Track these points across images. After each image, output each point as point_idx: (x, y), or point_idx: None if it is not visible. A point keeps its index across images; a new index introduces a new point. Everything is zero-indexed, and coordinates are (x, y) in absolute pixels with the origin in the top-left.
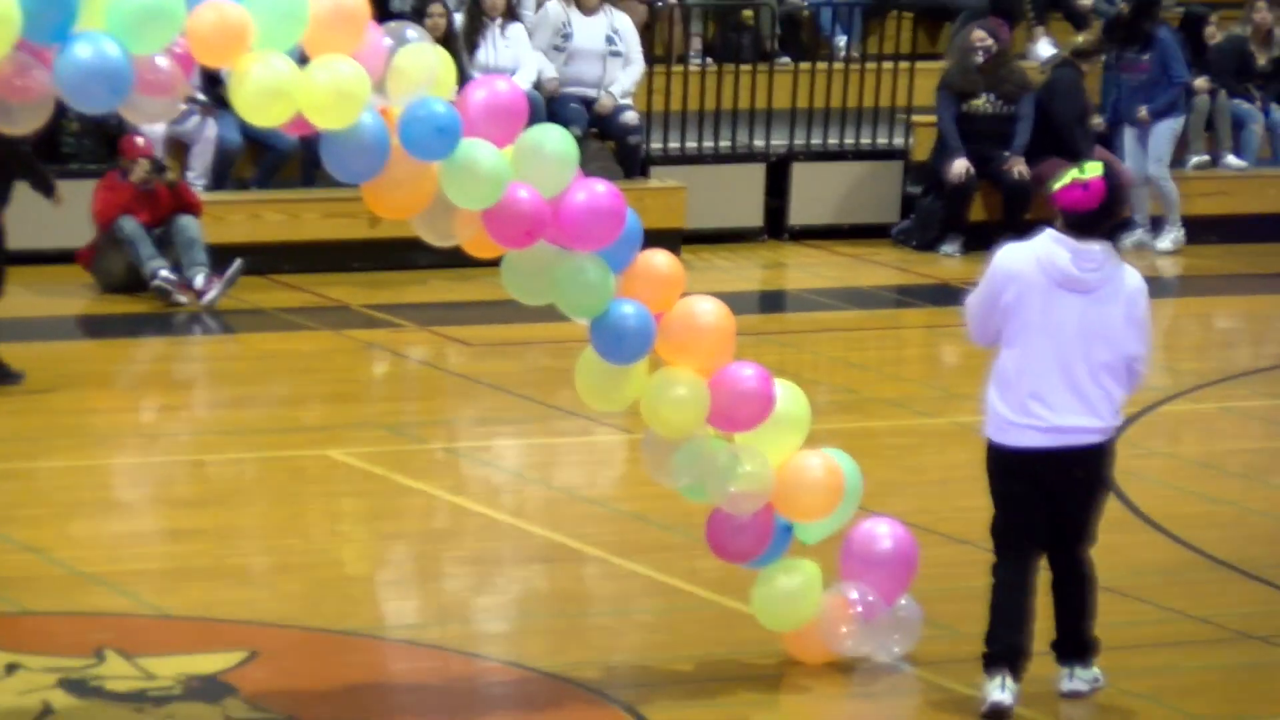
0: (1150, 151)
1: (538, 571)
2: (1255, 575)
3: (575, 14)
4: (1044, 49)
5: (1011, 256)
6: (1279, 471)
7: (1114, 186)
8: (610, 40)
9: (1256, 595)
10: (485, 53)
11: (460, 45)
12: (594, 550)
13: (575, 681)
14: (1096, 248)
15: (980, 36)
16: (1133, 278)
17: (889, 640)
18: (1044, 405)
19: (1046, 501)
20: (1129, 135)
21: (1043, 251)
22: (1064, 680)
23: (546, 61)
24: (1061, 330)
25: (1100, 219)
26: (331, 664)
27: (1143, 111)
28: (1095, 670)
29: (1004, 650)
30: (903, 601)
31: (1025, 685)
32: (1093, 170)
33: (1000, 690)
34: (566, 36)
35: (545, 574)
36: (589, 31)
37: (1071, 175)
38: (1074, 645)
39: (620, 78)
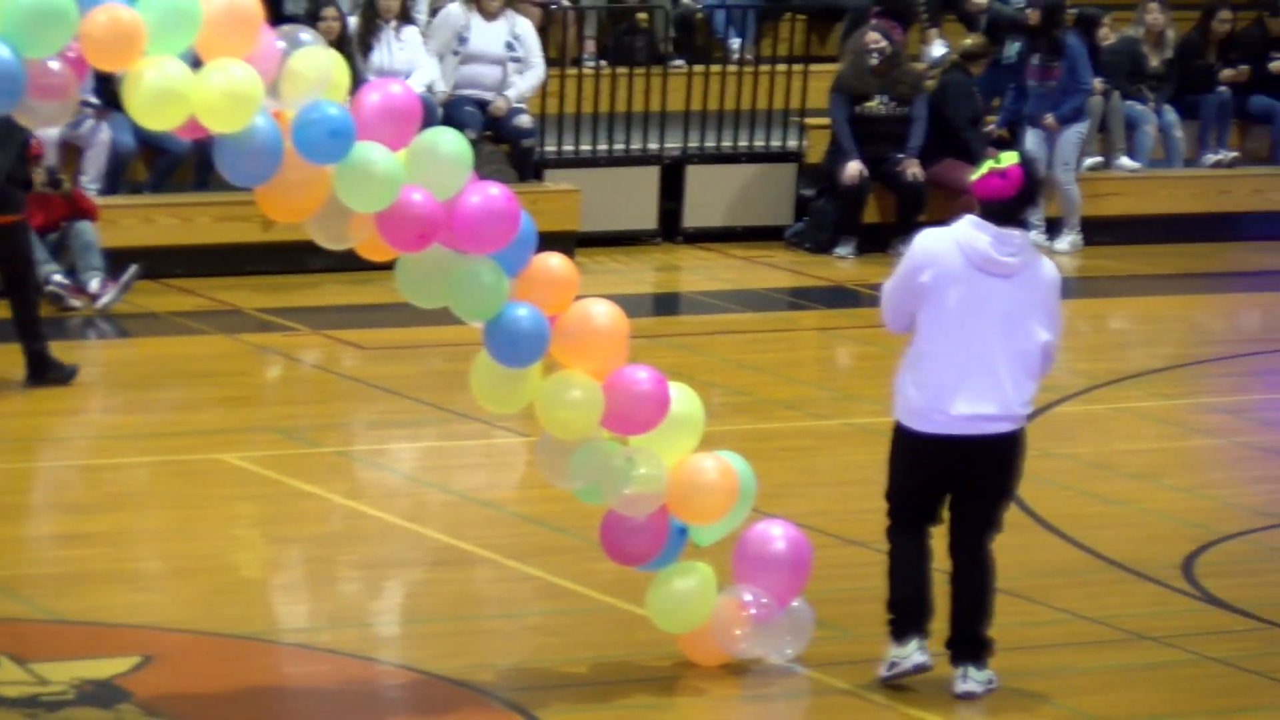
0: (1056, 156)
1: (432, 575)
2: (1150, 576)
3: (476, 18)
4: (938, 51)
5: (931, 239)
6: (1173, 472)
7: (1031, 174)
8: (510, 46)
9: (1151, 596)
10: (380, 55)
11: (354, 48)
12: (488, 553)
13: (469, 685)
14: (1016, 233)
15: (874, 38)
16: (1048, 266)
17: (782, 642)
18: (958, 392)
19: (952, 488)
20: (1032, 137)
21: (963, 236)
22: (958, 681)
23: (437, 68)
24: (980, 315)
25: (1018, 206)
26: (226, 668)
27: (1050, 118)
28: (989, 671)
29: (912, 614)
30: (795, 604)
31: (919, 688)
32: (1009, 159)
33: (920, 653)
34: (464, 40)
35: (440, 577)
36: (489, 36)
37: (988, 166)
38: (969, 645)
39: (518, 82)
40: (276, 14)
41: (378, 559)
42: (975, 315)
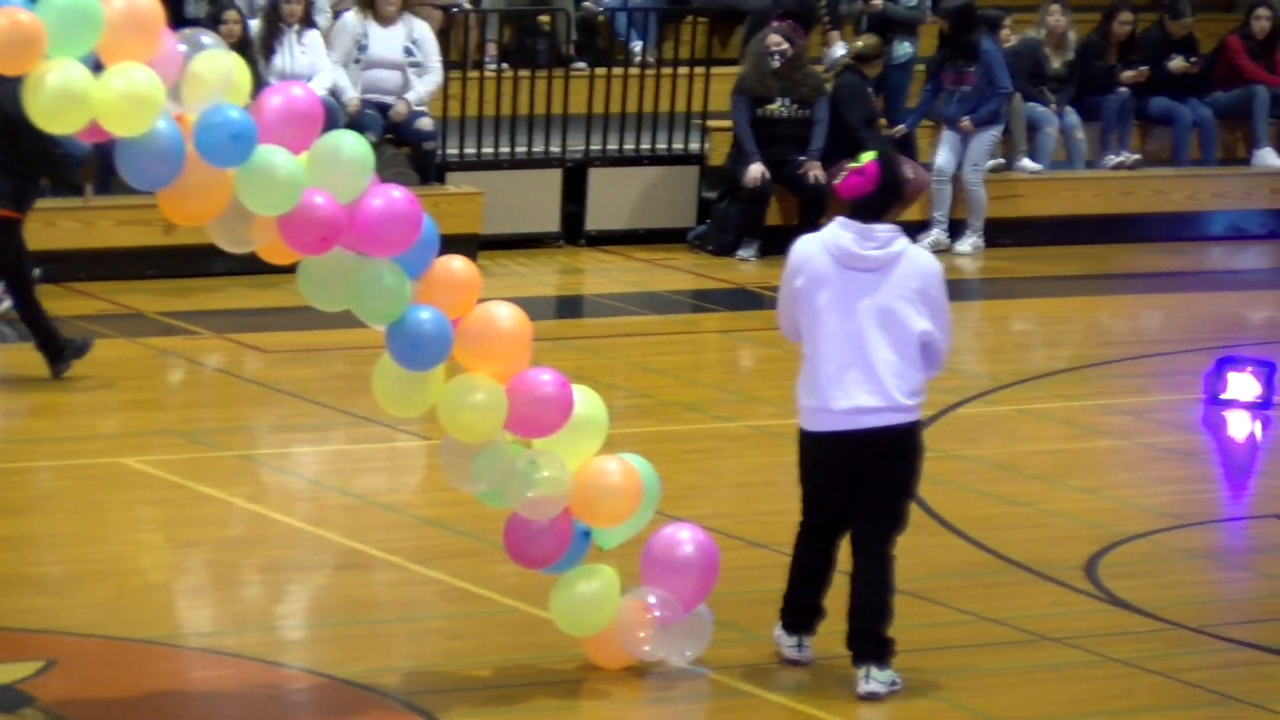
0: (968, 157)
1: (335, 579)
2: (1052, 577)
3: (373, 25)
4: (839, 53)
5: (800, 245)
6: (1075, 473)
7: (888, 169)
8: (409, 51)
9: (1054, 597)
10: (282, 59)
11: (256, 52)
12: (392, 557)
13: (374, 688)
14: (881, 228)
15: (775, 41)
16: (924, 256)
17: (685, 645)
18: (838, 388)
19: (849, 486)
20: (947, 137)
21: (829, 236)
22: (860, 682)
23: (345, 77)
24: (852, 311)
25: (880, 201)
26: (131, 672)
27: (966, 121)
28: (891, 672)
29: (800, 614)
30: (702, 607)
31: (822, 689)
32: (867, 158)
33: (798, 650)
34: (363, 48)
35: (343, 581)
36: (387, 42)
37: (849, 167)
38: (870, 644)
39: (417, 86)
40: (178, 17)
41: (281, 563)
42: (847, 312)
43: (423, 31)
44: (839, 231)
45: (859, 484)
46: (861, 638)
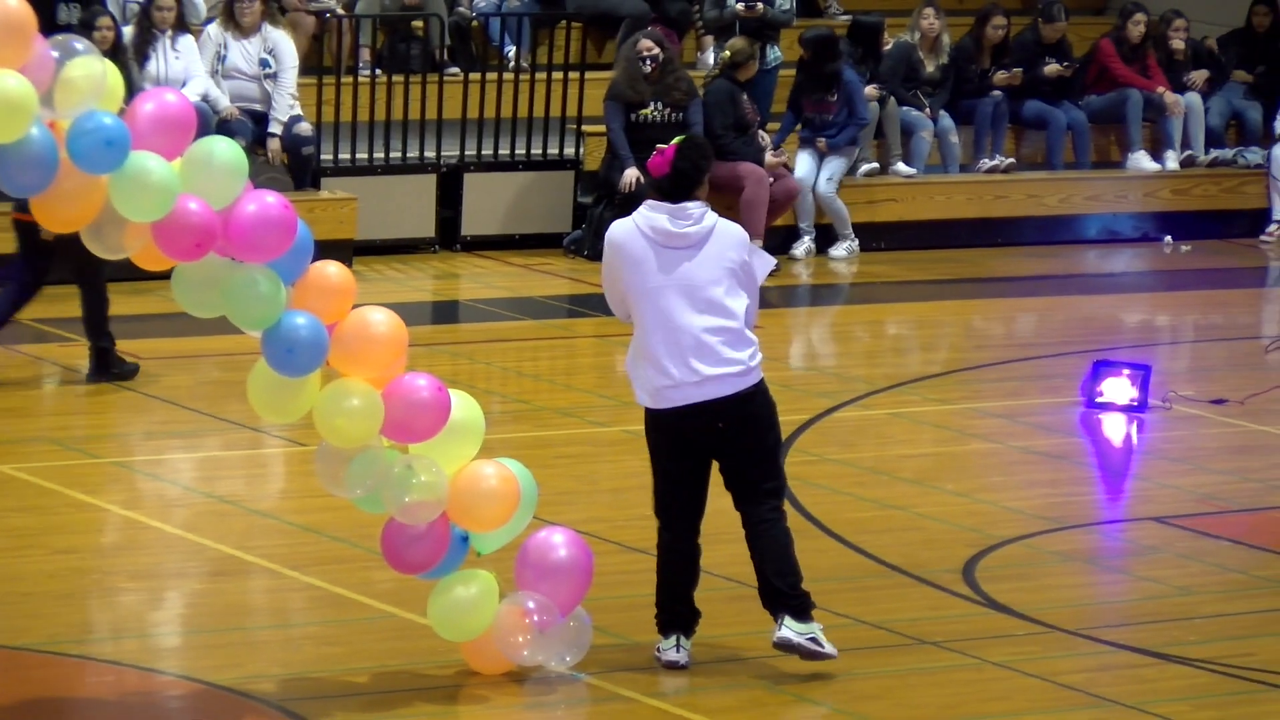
0: (823, 171)
1: (211, 585)
2: (928, 580)
3: (230, 36)
4: (713, 57)
5: (615, 229)
6: (950, 476)
7: (685, 150)
8: (265, 63)
9: (930, 600)
10: (155, 65)
11: (129, 58)
12: (267, 563)
13: (250, 695)
14: (693, 205)
15: (647, 46)
16: (733, 228)
17: (563, 650)
18: (677, 362)
19: (705, 460)
20: (805, 152)
21: (641, 218)
22: (776, 630)
23: (214, 85)
24: (676, 287)
25: (681, 179)
26: (7, 680)
27: (821, 143)
28: (813, 625)
29: (673, 616)
30: (581, 611)
31: (701, 692)
32: (675, 140)
33: (675, 651)
34: (222, 58)
35: (219, 588)
36: (243, 54)
37: (659, 148)
38: (779, 599)
39: (276, 100)
40: (50, 23)
41: (156, 569)
42: (672, 288)
43: (277, 41)
44: (651, 213)
45: (720, 457)
46: (769, 590)
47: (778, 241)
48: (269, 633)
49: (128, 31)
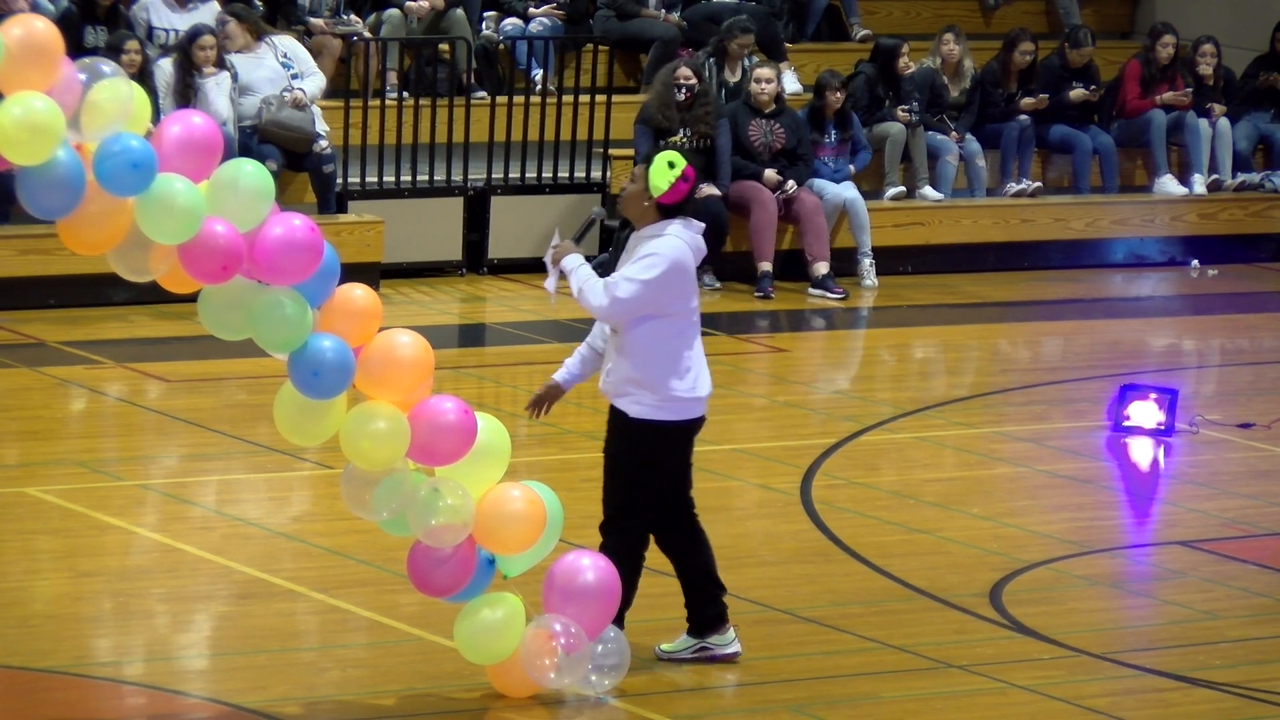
0: (841, 189)
1: (238, 608)
2: (953, 604)
3: (236, 56)
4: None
5: (675, 249)
6: (976, 500)
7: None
8: (287, 66)
9: (955, 624)
10: (199, 103)
11: (173, 96)
12: (294, 586)
13: (276, 718)
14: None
15: (685, 74)
16: None
17: (592, 673)
18: (701, 377)
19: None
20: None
21: (689, 238)
22: (735, 643)
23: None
24: (697, 305)
25: (687, 205)
26: (33, 702)
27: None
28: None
29: (720, 606)
30: (610, 634)
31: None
32: (679, 161)
33: (737, 641)
34: (234, 77)
35: (246, 610)
36: (255, 65)
37: (668, 178)
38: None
39: (306, 85)
40: (77, 46)
41: (183, 592)
42: (697, 306)
43: (289, 45)
44: (695, 236)
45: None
46: (720, 600)
47: (844, 265)
48: (295, 655)
49: (167, 67)
